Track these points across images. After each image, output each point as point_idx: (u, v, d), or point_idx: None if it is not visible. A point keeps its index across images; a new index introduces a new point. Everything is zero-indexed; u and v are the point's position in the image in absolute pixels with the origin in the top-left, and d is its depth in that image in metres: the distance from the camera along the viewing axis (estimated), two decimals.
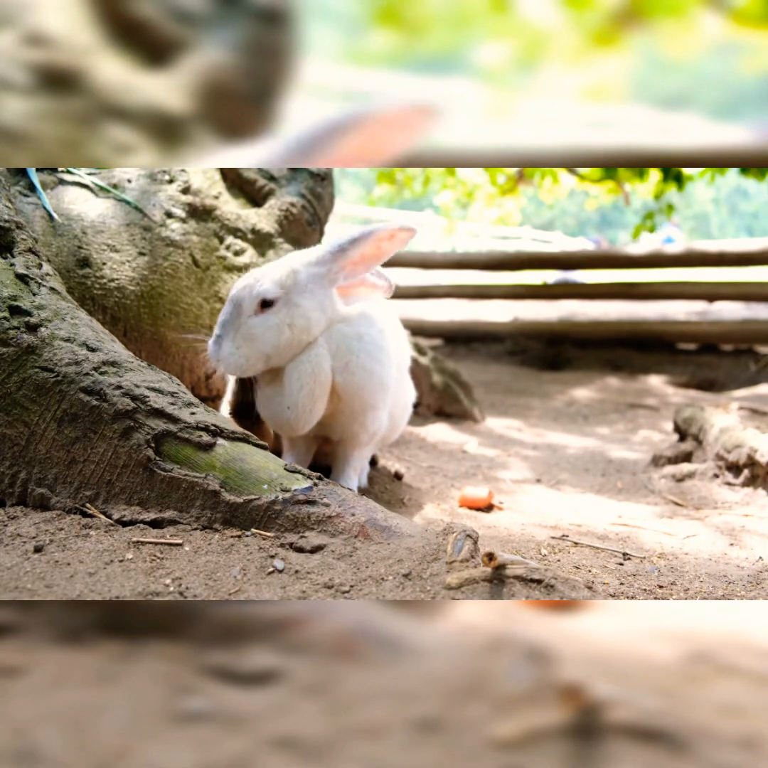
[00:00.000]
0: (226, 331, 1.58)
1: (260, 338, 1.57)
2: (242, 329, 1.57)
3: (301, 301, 1.59)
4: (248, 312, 1.57)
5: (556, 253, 6.76)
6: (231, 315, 1.59)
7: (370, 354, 1.68)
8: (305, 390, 1.59)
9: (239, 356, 1.57)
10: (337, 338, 1.64)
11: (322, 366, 1.61)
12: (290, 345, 1.59)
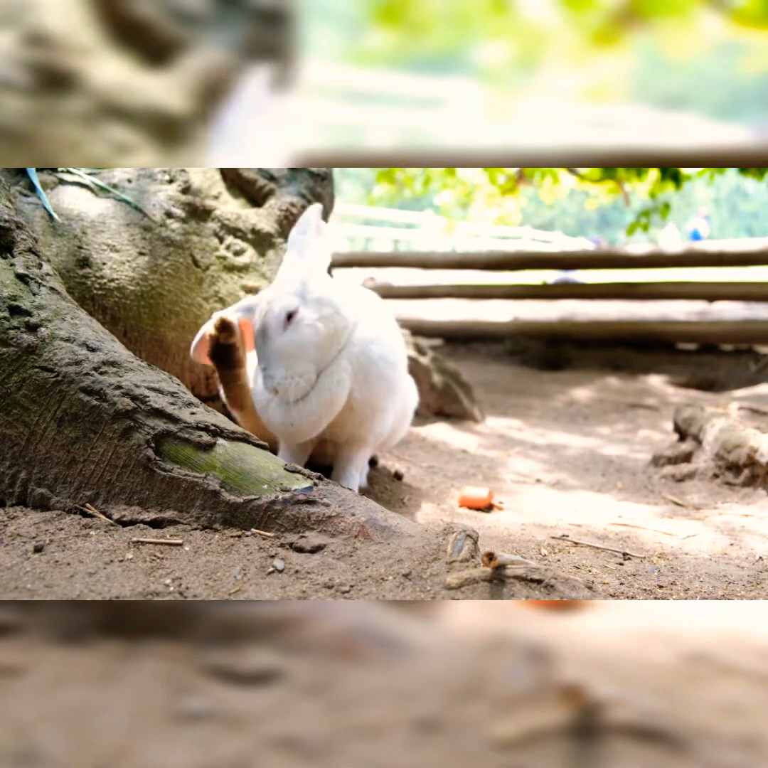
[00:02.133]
0: (267, 361, 1.57)
1: (300, 346, 1.57)
2: (280, 349, 1.56)
3: (318, 295, 1.61)
4: (277, 331, 1.57)
5: (556, 253, 6.76)
6: (264, 344, 1.58)
7: (387, 361, 1.71)
8: (314, 418, 1.61)
9: (292, 376, 1.56)
10: (357, 352, 1.65)
11: (340, 393, 1.62)
12: (330, 337, 1.60)
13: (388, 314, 1.84)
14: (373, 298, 1.83)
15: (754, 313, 6.60)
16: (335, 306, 1.62)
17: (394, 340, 1.77)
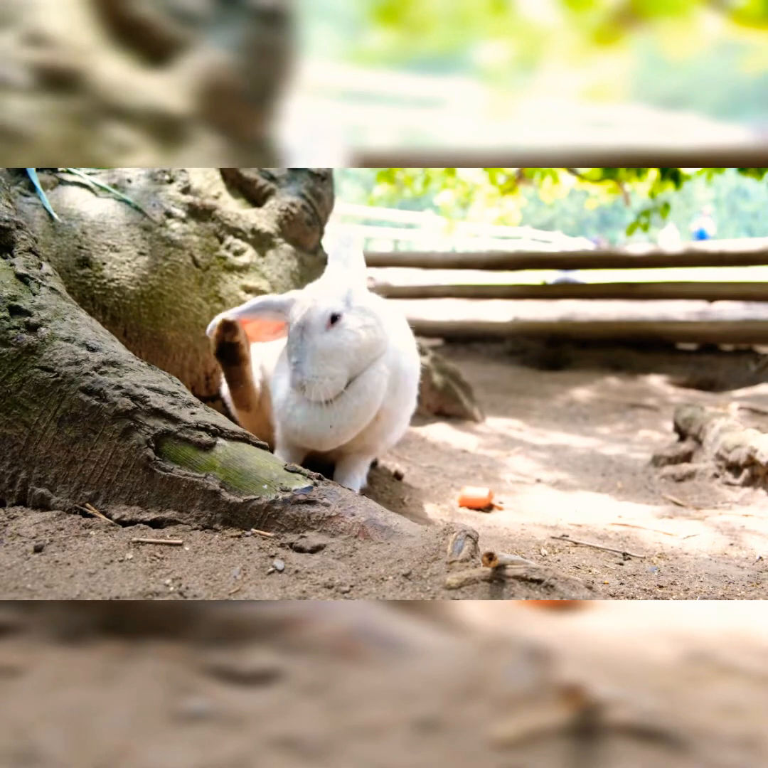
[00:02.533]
0: (303, 356, 1.55)
1: (340, 349, 1.56)
2: (319, 347, 1.55)
3: (362, 304, 1.61)
4: (319, 330, 1.56)
5: (556, 253, 6.76)
6: (301, 340, 1.56)
7: (413, 372, 1.74)
8: (357, 419, 1.60)
9: (324, 376, 1.54)
10: (392, 361, 1.66)
11: (378, 397, 1.62)
12: (370, 347, 1.60)
13: (407, 324, 1.85)
14: (392, 308, 1.84)
15: (754, 313, 6.60)
16: (378, 318, 1.63)
17: (415, 352, 1.80)
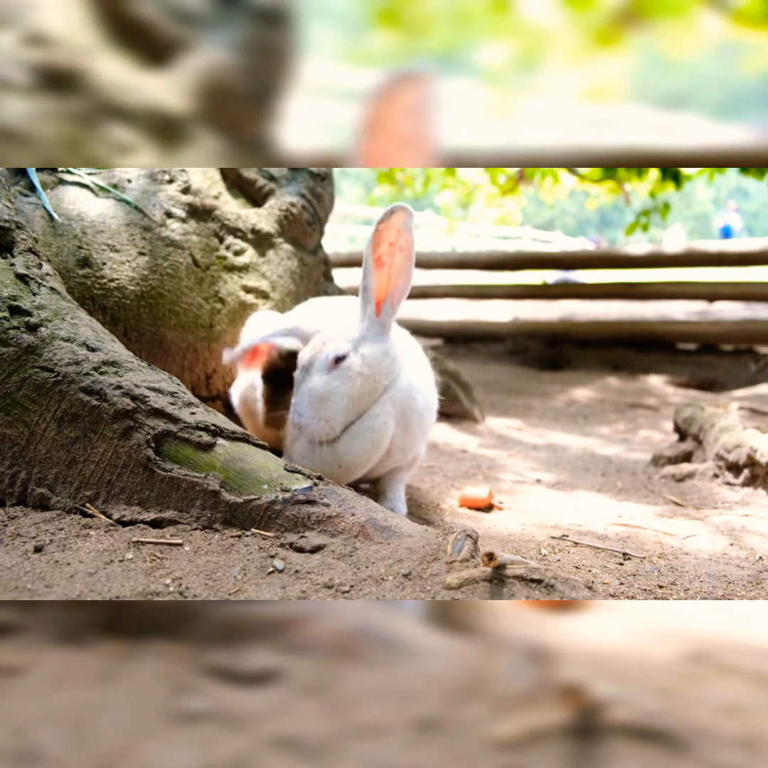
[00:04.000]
0: (301, 397, 1.57)
1: (335, 392, 1.56)
2: (316, 389, 1.56)
3: (366, 350, 1.60)
4: (320, 372, 1.57)
5: (556, 253, 6.76)
6: (303, 379, 1.58)
7: (429, 409, 1.74)
8: (364, 458, 1.61)
9: (319, 420, 1.55)
10: (401, 398, 1.65)
11: (385, 437, 1.62)
12: (363, 394, 1.59)
13: (423, 355, 1.85)
14: (410, 340, 1.84)
15: (754, 313, 6.60)
16: (385, 362, 1.62)
17: (432, 387, 1.80)
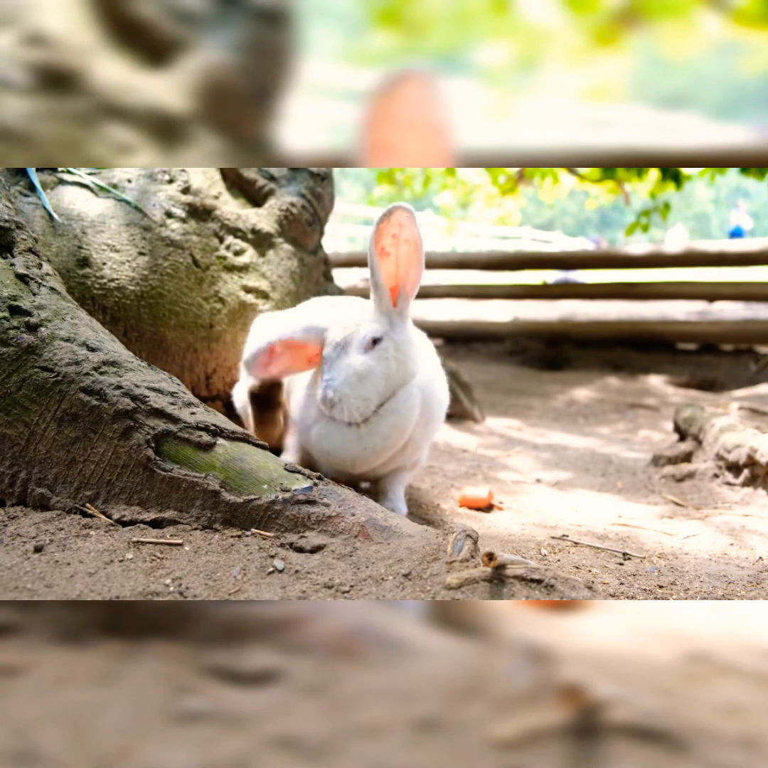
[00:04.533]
0: (335, 374, 1.55)
1: (373, 372, 1.56)
2: (354, 366, 1.55)
3: (398, 337, 1.61)
4: (358, 350, 1.56)
5: (556, 253, 6.76)
6: (338, 357, 1.57)
7: (444, 405, 1.76)
8: (391, 440, 1.60)
9: (356, 398, 1.54)
10: (426, 388, 1.66)
11: (412, 419, 1.62)
12: (395, 379, 1.60)
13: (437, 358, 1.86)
14: (426, 340, 1.85)
15: (754, 313, 6.60)
16: (411, 351, 1.63)
17: (446, 384, 1.82)
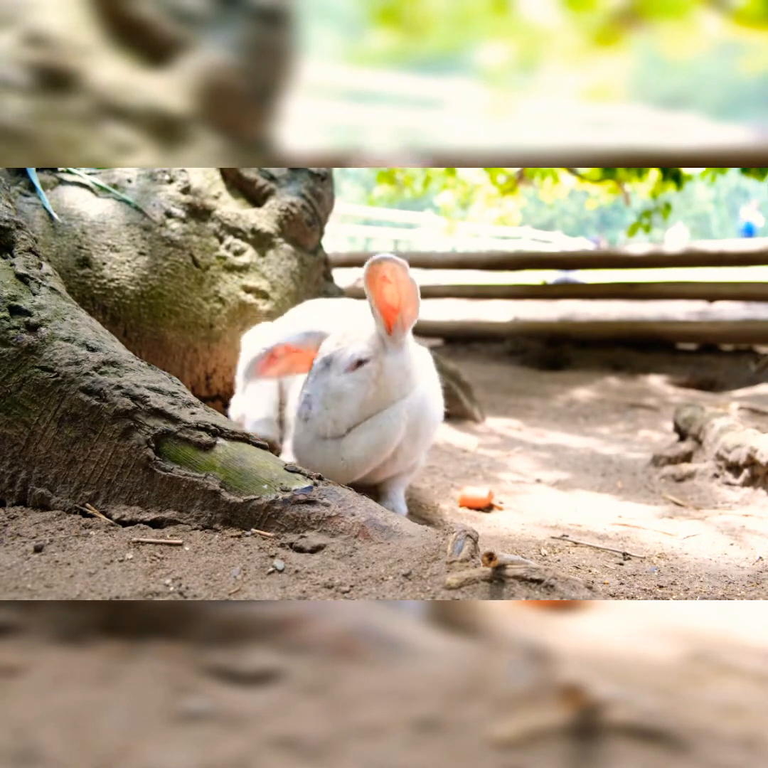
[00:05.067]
0: (315, 390, 1.58)
1: (349, 395, 1.57)
2: (332, 387, 1.57)
3: (388, 360, 1.62)
4: (340, 370, 1.58)
5: (556, 253, 6.76)
6: (321, 373, 1.59)
7: (436, 422, 1.77)
8: (370, 457, 1.60)
9: (327, 417, 1.56)
10: (416, 408, 1.67)
11: (395, 439, 1.63)
12: (373, 402, 1.60)
13: (434, 369, 1.87)
14: (426, 354, 1.85)
15: (754, 313, 6.60)
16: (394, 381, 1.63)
17: (441, 398, 1.83)
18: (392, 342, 1.62)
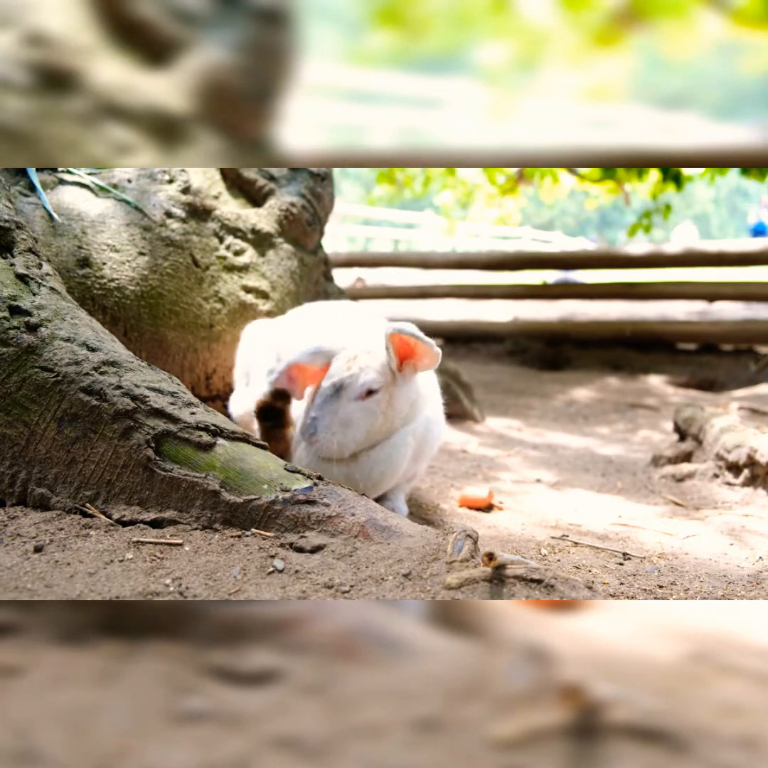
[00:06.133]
0: (323, 414, 1.59)
1: (356, 423, 1.60)
2: (341, 413, 1.59)
3: (397, 390, 1.64)
4: (351, 398, 1.60)
5: (556, 253, 6.76)
6: (331, 399, 1.60)
7: (439, 441, 1.83)
8: (379, 485, 1.65)
9: (333, 442, 1.59)
10: (421, 433, 1.71)
11: (402, 467, 1.67)
12: (379, 431, 1.63)
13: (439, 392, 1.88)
14: (431, 381, 1.86)
15: (754, 313, 6.59)
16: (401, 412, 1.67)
17: (443, 419, 1.86)
18: (401, 377, 1.65)
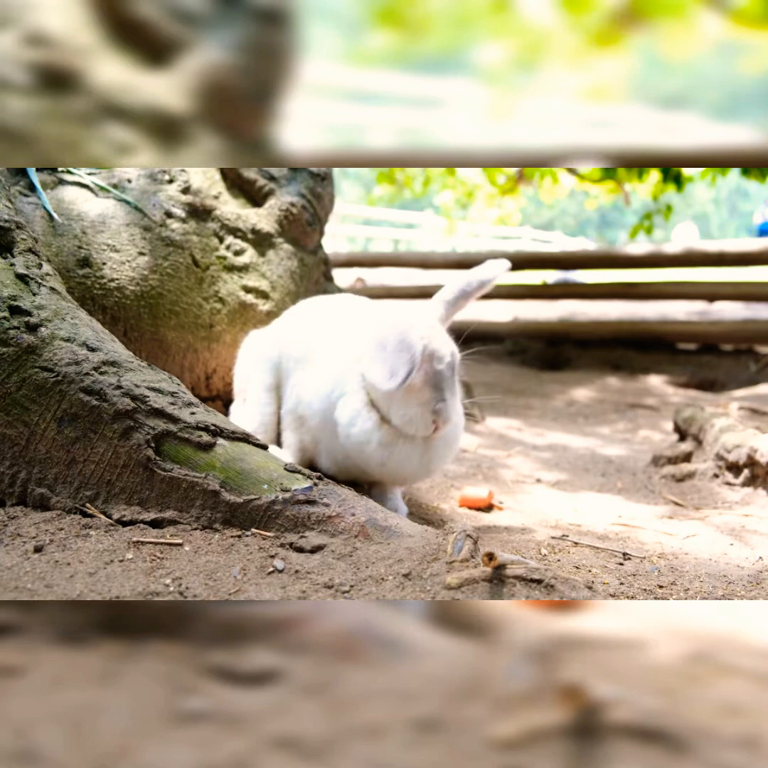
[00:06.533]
0: (452, 393, 1.62)
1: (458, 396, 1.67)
2: (455, 389, 1.64)
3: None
4: (456, 373, 1.65)
5: (556, 253, 6.76)
6: (452, 378, 1.63)
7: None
8: (445, 460, 1.71)
9: (461, 416, 1.67)
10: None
11: (459, 444, 1.77)
12: None
13: None
14: None
15: (754, 313, 6.59)
16: None
17: None
18: None
